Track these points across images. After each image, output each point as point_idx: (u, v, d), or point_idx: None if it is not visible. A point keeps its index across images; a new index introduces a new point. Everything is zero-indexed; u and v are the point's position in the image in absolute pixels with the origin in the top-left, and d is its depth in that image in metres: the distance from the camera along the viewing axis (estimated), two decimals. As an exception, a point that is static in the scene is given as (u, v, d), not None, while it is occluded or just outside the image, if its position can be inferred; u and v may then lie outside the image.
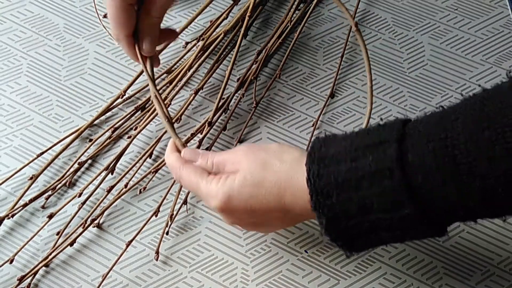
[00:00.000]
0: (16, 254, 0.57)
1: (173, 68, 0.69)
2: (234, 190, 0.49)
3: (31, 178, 0.61)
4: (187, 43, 0.71)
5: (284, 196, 0.48)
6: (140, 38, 0.55)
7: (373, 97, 0.61)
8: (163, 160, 0.62)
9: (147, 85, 0.68)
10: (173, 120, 0.64)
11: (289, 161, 0.49)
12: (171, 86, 0.67)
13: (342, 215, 0.45)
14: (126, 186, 0.61)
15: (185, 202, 0.60)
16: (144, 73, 0.68)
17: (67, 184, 0.62)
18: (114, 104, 0.66)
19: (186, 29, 0.71)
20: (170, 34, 0.58)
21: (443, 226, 0.46)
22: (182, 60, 0.70)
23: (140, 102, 0.67)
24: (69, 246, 0.57)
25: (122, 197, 0.61)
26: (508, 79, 0.43)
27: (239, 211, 0.50)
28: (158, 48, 0.58)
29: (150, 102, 0.67)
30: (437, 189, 0.42)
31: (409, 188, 0.43)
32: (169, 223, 0.59)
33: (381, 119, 0.46)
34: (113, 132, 0.65)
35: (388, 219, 0.44)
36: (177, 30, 0.67)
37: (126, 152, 0.64)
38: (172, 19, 0.74)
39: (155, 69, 0.59)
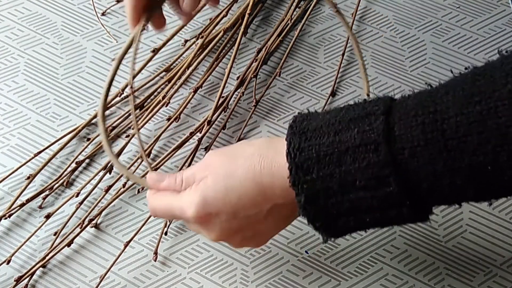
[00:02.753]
0: (13, 254, 0.57)
1: (172, 66, 0.69)
2: (208, 188, 0.46)
3: (28, 178, 0.61)
4: (186, 40, 0.70)
5: (261, 178, 0.45)
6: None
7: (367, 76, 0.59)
8: (162, 159, 0.61)
9: (146, 83, 0.68)
10: (172, 119, 0.64)
11: (259, 143, 0.46)
12: (170, 84, 0.66)
13: (322, 192, 0.42)
14: (124, 185, 0.60)
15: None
16: (142, 72, 0.68)
17: (65, 183, 0.61)
18: (112, 102, 0.66)
19: (185, 27, 0.71)
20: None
21: (426, 209, 0.43)
22: (181, 58, 0.69)
23: (138, 100, 0.66)
24: (66, 247, 0.57)
25: (120, 197, 0.61)
26: (500, 56, 0.41)
27: (219, 213, 0.46)
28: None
29: (148, 100, 0.66)
30: (424, 165, 0.40)
31: (395, 163, 0.40)
32: (168, 223, 0.59)
33: (368, 96, 0.45)
34: (111, 131, 0.64)
35: (369, 198, 0.41)
36: (176, 28, 0.67)
37: (124, 151, 0.63)
38: (171, 16, 0.73)
39: (153, 67, 0.58)
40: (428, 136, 0.39)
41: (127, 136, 0.64)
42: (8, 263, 0.57)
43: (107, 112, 0.66)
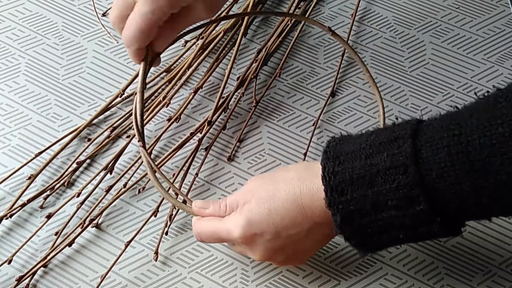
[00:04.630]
0: (14, 254, 0.57)
1: (172, 67, 0.69)
2: (252, 212, 0.50)
3: (29, 178, 0.61)
4: (186, 41, 0.71)
5: (301, 200, 0.48)
6: (156, 39, 0.54)
7: (383, 101, 0.62)
8: (162, 160, 0.61)
9: (146, 83, 0.68)
10: (173, 120, 0.64)
11: (296, 168, 0.51)
12: (170, 85, 0.66)
13: (356, 212, 0.45)
14: (125, 186, 0.61)
15: (184, 202, 0.60)
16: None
17: (66, 184, 0.61)
18: (113, 103, 0.66)
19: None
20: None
21: (457, 224, 0.46)
22: (182, 58, 0.69)
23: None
24: (67, 247, 0.57)
25: (121, 197, 0.61)
26: None
27: (263, 233, 0.50)
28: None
29: (149, 101, 0.66)
30: (451, 186, 0.43)
31: (423, 184, 0.43)
32: (169, 223, 0.59)
33: (397, 118, 0.47)
34: (111, 131, 0.64)
35: (401, 216, 0.44)
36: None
37: (125, 151, 0.63)
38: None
39: (154, 68, 0.58)
40: (454, 158, 0.42)
41: (127, 137, 0.64)
42: (9, 263, 0.57)
43: (108, 113, 0.66)
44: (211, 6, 0.54)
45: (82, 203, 0.60)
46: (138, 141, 0.53)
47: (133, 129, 0.64)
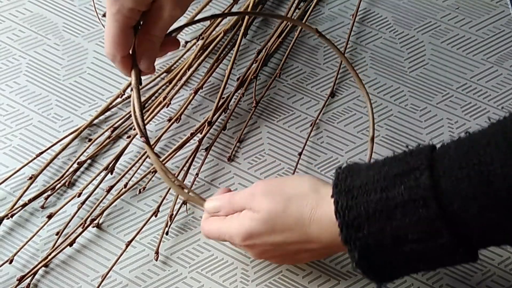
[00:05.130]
0: (15, 254, 0.57)
1: (172, 67, 0.69)
2: (256, 225, 0.49)
3: (30, 178, 0.61)
4: (186, 42, 0.71)
5: (309, 228, 0.48)
6: (138, 57, 0.53)
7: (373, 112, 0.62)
8: (163, 160, 0.62)
9: (147, 84, 0.68)
10: (173, 120, 0.64)
11: (308, 187, 0.49)
12: (170, 86, 0.66)
13: (374, 247, 0.44)
14: (125, 186, 0.61)
15: (185, 202, 0.60)
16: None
17: (67, 184, 0.62)
18: (114, 103, 0.66)
19: (185, 28, 0.71)
20: (172, 44, 0.56)
21: (477, 251, 0.45)
22: (182, 59, 0.69)
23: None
24: (68, 246, 0.57)
25: (122, 197, 0.61)
26: None
27: (263, 244, 0.50)
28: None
29: (149, 101, 0.67)
30: (474, 217, 0.41)
31: (445, 217, 0.42)
32: (169, 223, 0.59)
33: (407, 147, 0.46)
34: (112, 131, 0.65)
35: (422, 249, 0.43)
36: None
37: (125, 152, 0.63)
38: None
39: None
40: (476, 189, 0.41)
41: (128, 137, 0.64)
42: (10, 262, 0.57)
43: (108, 113, 0.66)
44: (178, 2, 0.51)
45: (83, 203, 0.60)
46: (141, 136, 0.52)
47: (134, 129, 0.64)
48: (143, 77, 0.68)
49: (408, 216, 0.42)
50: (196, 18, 0.72)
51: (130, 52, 0.53)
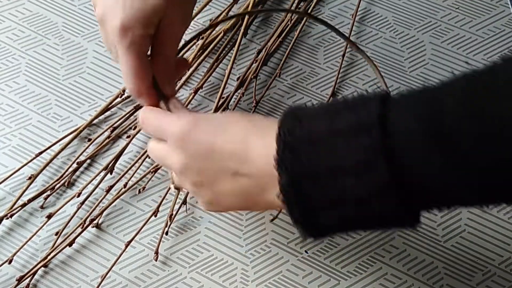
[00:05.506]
0: (15, 254, 0.57)
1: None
2: (202, 120, 0.46)
3: (29, 178, 0.61)
4: (186, 42, 0.70)
5: (251, 139, 0.43)
6: (161, 83, 0.50)
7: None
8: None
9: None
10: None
11: (272, 120, 0.45)
12: (170, 85, 0.66)
13: (307, 176, 0.40)
14: (125, 186, 0.61)
15: (184, 202, 0.60)
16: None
17: (66, 184, 0.62)
18: (113, 103, 0.66)
19: (185, 28, 0.71)
20: (184, 65, 0.55)
21: (416, 210, 0.40)
22: (182, 59, 0.69)
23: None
24: (68, 246, 0.57)
25: (121, 197, 0.61)
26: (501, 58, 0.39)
27: (197, 145, 0.45)
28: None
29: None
30: (419, 154, 0.37)
31: (387, 150, 0.38)
32: (169, 223, 0.59)
33: (366, 91, 0.43)
34: (112, 131, 0.64)
35: (356, 186, 0.39)
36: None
37: (125, 151, 0.63)
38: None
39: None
40: (425, 124, 0.37)
41: (128, 137, 0.64)
42: (10, 262, 0.57)
43: (108, 113, 0.66)
44: (185, 15, 0.51)
45: (83, 203, 0.60)
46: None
47: (133, 129, 0.64)
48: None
49: (349, 144, 0.39)
50: (197, 19, 0.73)
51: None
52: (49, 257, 0.57)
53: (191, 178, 0.47)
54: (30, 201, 0.60)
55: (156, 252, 0.58)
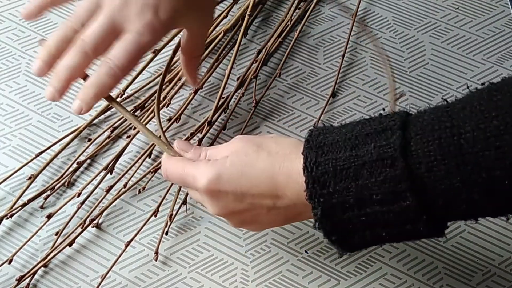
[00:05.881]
0: (14, 254, 0.57)
1: (172, 67, 0.69)
2: (225, 168, 0.47)
3: (29, 178, 0.61)
4: (186, 42, 0.70)
5: (277, 178, 0.46)
6: (192, 77, 0.58)
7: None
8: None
9: (147, 84, 0.68)
10: (173, 120, 0.64)
11: (286, 144, 0.47)
12: (170, 85, 0.66)
13: (338, 206, 0.43)
14: (125, 186, 0.61)
15: (184, 202, 0.60)
16: (143, 72, 0.68)
17: (66, 184, 0.62)
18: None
19: (185, 28, 0.71)
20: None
21: (443, 224, 0.44)
22: (182, 59, 0.69)
23: (139, 101, 0.66)
24: (68, 246, 0.57)
25: (121, 197, 0.61)
26: None
27: (227, 193, 0.47)
28: None
29: (149, 101, 0.66)
30: (440, 180, 0.40)
31: (412, 178, 0.41)
32: (169, 223, 0.59)
33: (384, 110, 0.45)
34: (112, 131, 0.64)
35: (386, 212, 0.42)
36: (176, 30, 0.67)
37: (125, 151, 0.63)
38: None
39: (154, 68, 0.58)
40: (445, 150, 0.40)
41: (128, 137, 0.64)
42: (10, 262, 0.57)
43: (108, 113, 0.66)
44: (204, 20, 0.55)
45: (83, 203, 0.60)
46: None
47: (133, 129, 0.64)
48: (142, 77, 0.68)
49: (374, 176, 0.41)
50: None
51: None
52: (49, 257, 0.57)
53: (229, 219, 0.51)
54: (30, 201, 0.60)
55: (156, 252, 0.58)
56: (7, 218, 0.59)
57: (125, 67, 0.49)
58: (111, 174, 0.62)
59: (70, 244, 0.57)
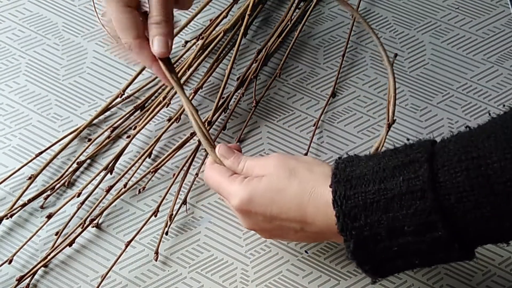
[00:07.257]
0: (15, 254, 0.57)
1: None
2: (257, 192, 0.49)
3: (29, 178, 0.61)
4: (186, 42, 0.71)
5: (306, 208, 0.48)
6: (149, 40, 0.53)
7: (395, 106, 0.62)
8: (163, 160, 0.62)
9: (147, 84, 0.68)
10: (173, 120, 0.64)
11: (318, 173, 0.49)
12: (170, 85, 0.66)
13: (370, 238, 0.44)
14: (125, 186, 0.61)
15: (184, 202, 0.60)
16: (143, 72, 0.68)
17: (66, 184, 0.62)
18: (113, 103, 0.66)
19: (185, 28, 0.71)
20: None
21: (473, 248, 0.45)
22: (182, 59, 0.69)
23: (139, 101, 0.66)
24: (68, 246, 0.57)
25: (121, 197, 0.61)
26: None
27: (257, 215, 0.50)
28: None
29: (149, 101, 0.67)
30: (470, 210, 0.41)
31: (442, 210, 0.42)
32: (169, 223, 0.59)
33: (408, 140, 0.46)
34: (112, 131, 0.64)
35: (418, 242, 0.43)
36: (176, 29, 0.67)
37: (125, 151, 0.63)
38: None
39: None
40: (473, 182, 0.41)
41: (128, 137, 0.64)
42: (10, 262, 0.57)
43: (108, 113, 0.66)
44: None
45: (83, 203, 0.60)
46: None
47: (133, 129, 0.64)
48: (142, 77, 0.68)
49: (404, 208, 0.42)
50: (197, 19, 0.73)
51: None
52: (49, 257, 0.57)
53: (258, 233, 0.53)
54: (30, 201, 0.60)
55: (156, 252, 0.57)
56: (7, 218, 0.59)
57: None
58: (111, 174, 0.62)
59: (70, 244, 0.57)
